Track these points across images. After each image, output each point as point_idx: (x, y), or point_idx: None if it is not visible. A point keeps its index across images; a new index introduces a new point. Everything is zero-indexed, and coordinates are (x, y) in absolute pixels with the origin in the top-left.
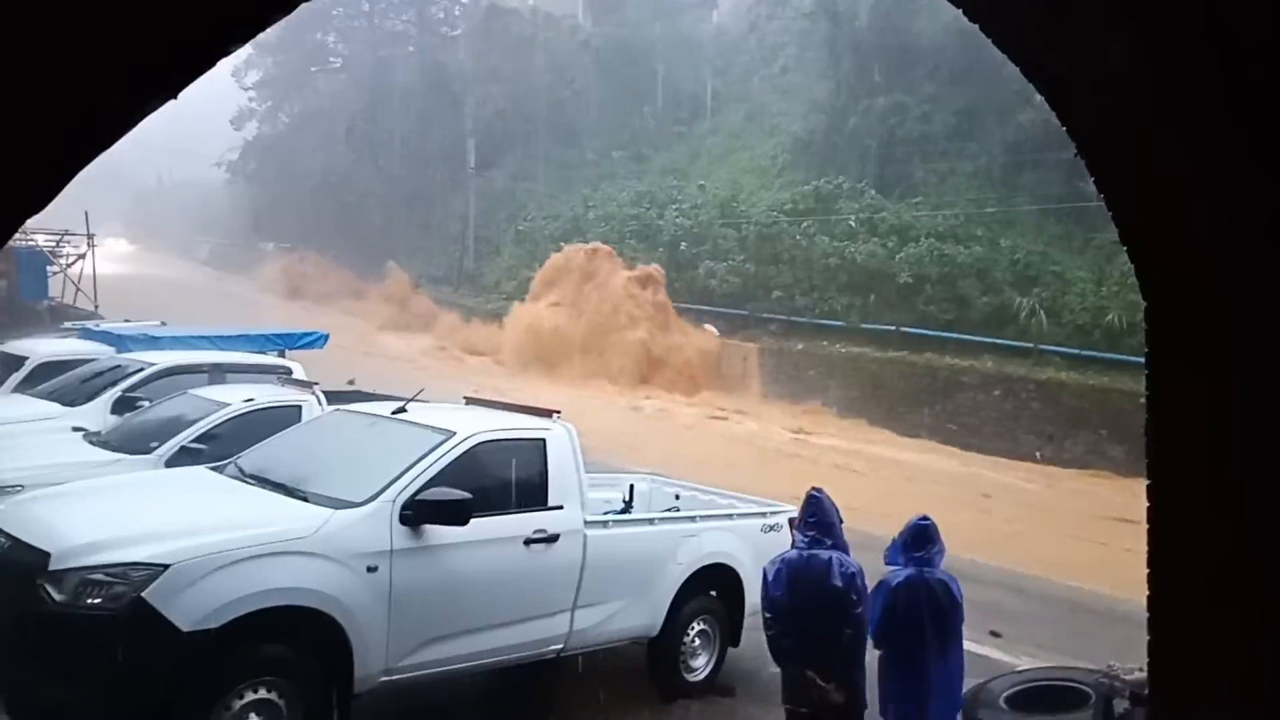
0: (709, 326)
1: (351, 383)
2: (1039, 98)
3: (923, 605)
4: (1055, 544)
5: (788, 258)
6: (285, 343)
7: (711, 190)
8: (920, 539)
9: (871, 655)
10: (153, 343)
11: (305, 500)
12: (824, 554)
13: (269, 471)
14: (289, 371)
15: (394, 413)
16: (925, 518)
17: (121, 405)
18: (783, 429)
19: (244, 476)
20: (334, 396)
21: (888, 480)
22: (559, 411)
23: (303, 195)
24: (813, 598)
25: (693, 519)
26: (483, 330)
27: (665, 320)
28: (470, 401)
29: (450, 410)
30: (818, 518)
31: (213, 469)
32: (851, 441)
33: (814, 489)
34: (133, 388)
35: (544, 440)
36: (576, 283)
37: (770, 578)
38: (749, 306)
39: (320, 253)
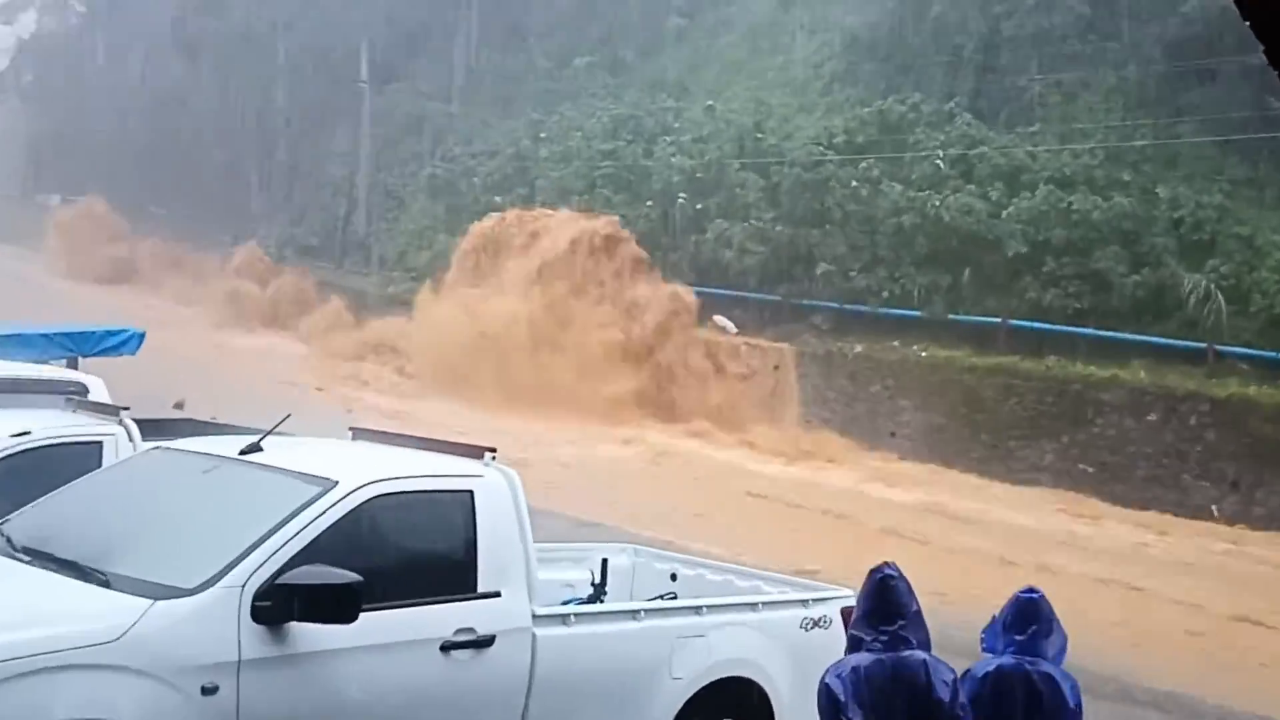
0: (721, 320)
1: (180, 405)
2: None
3: (1017, 704)
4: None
5: (839, 215)
6: (79, 346)
7: (725, 115)
8: (1023, 618)
9: None
10: None
11: (106, 585)
12: (914, 656)
13: (51, 542)
14: (84, 391)
15: (243, 452)
16: (1033, 590)
17: None
18: (829, 472)
19: (13, 551)
20: (153, 428)
21: (987, 551)
22: (494, 450)
23: (108, 124)
24: None
25: (697, 610)
26: (380, 326)
27: (653, 310)
28: (360, 435)
29: (330, 448)
30: (894, 605)
31: None
32: (932, 491)
33: (884, 565)
34: None
35: (471, 493)
36: (522, 255)
37: (840, 694)
38: (782, 289)
39: (135, 211)
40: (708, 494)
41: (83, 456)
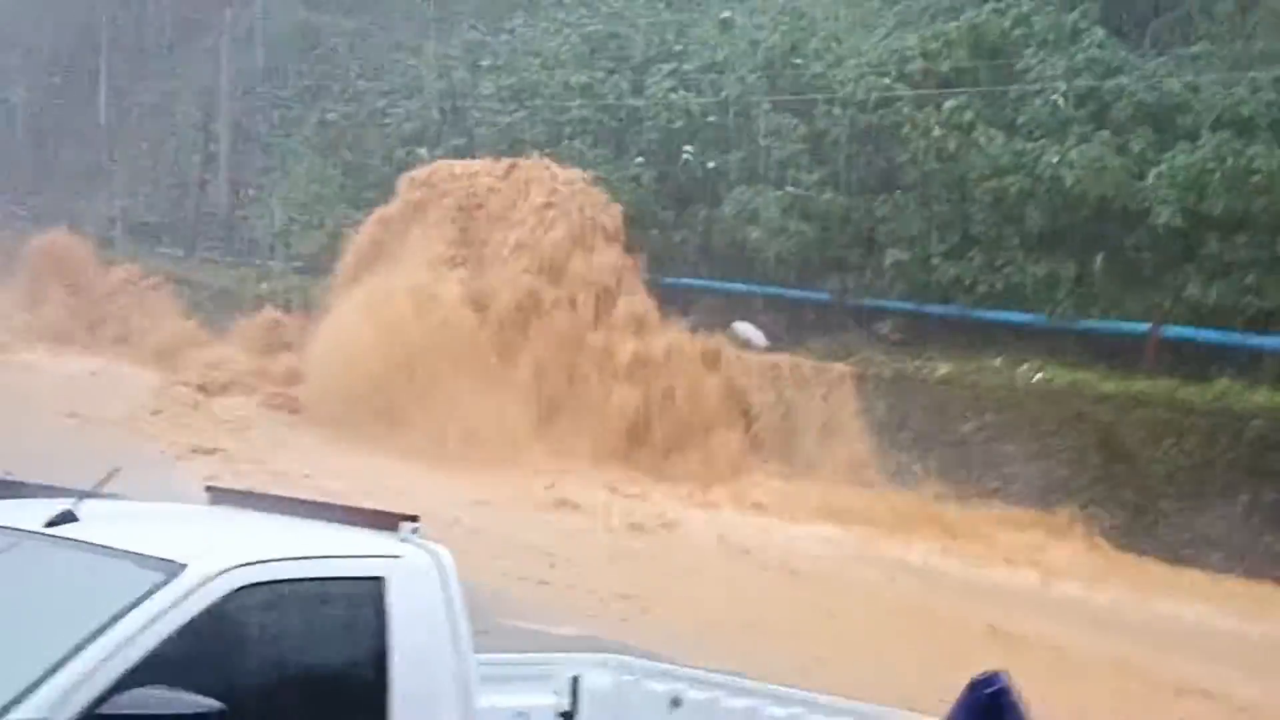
0: (744, 328)
1: None
2: None
3: None
4: None
5: (915, 177)
6: None
7: (748, 31)
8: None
9: None
10: None
11: None
12: None
13: None
14: None
15: (51, 523)
16: (993, 679)
17: None
18: (895, 544)
19: None
20: None
21: (1135, 666)
22: (415, 519)
23: None
24: None
25: None
26: (253, 339)
27: (639, 311)
28: (220, 497)
29: (176, 518)
30: None
31: None
32: (1052, 571)
33: (991, 677)
34: None
35: (382, 582)
36: (458, 234)
37: None
38: (833, 284)
39: None
40: (727, 578)
41: None
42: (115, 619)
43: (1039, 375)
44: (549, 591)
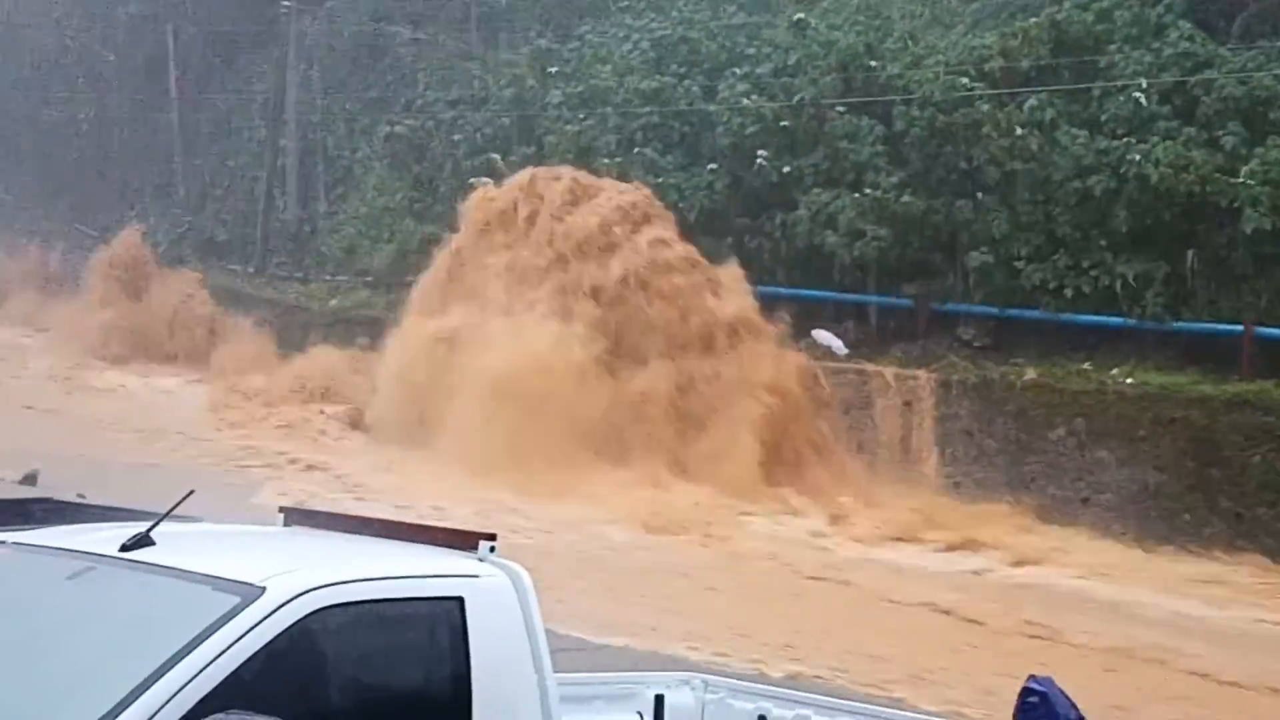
0: (824, 335)
1: (31, 479)
2: None
3: None
4: None
5: (997, 178)
6: None
7: (822, 33)
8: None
9: None
10: None
11: None
12: None
13: None
14: None
15: (127, 547)
16: (1037, 682)
17: None
18: (984, 558)
19: None
20: None
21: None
22: (493, 538)
23: None
24: None
25: None
26: (322, 357)
27: (715, 321)
28: (295, 519)
29: (253, 541)
30: None
31: None
32: (1150, 583)
33: (1034, 681)
34: None
35: (461, 602)
36: (530, 247)
37: None
38: (914, 289)
39: None
40: (810, 596)
41: None
42: (194, 643)
43: (1129, 380)
44: (617, 598)
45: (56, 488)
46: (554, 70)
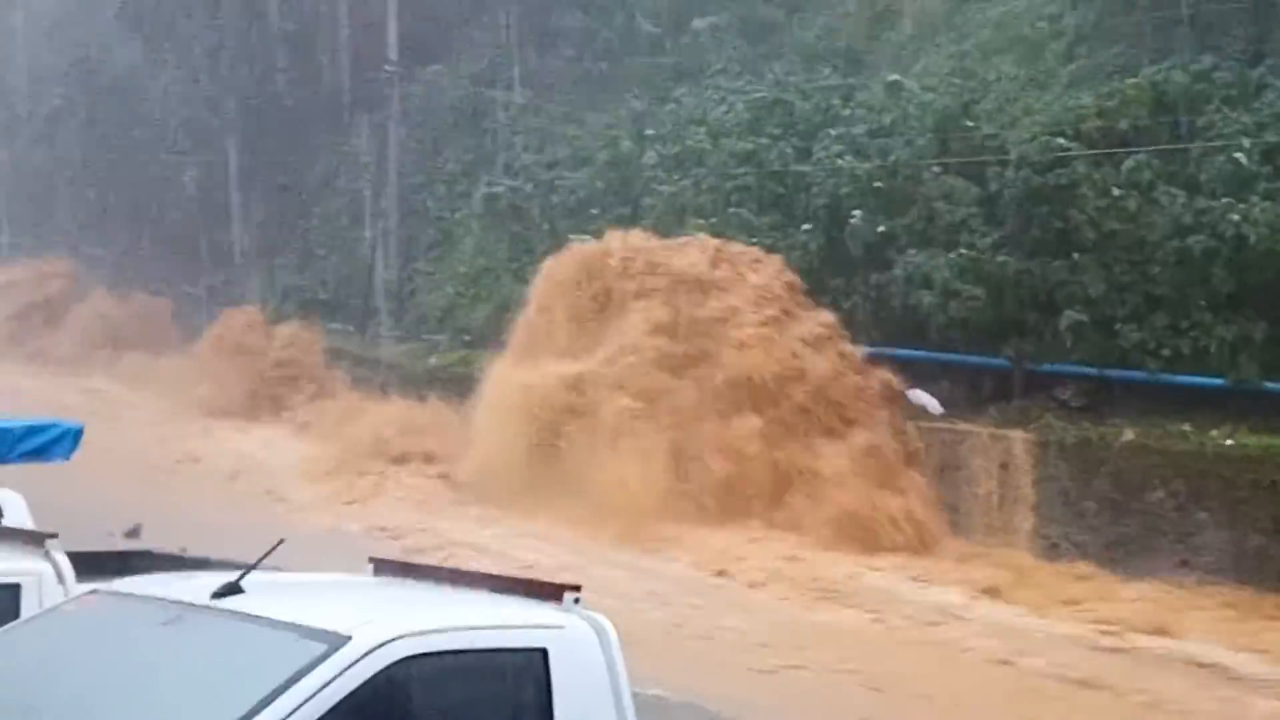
0: (919, 395)
1: (135, 533)
2: None
3: None
4: None
5: (1094, 238)
6: None
7: (917, 95)
8: None
9: None
10: None
11: None
12: None
13: None
14: None
15: (217, 595)
16: None
17: None
18: (1076, 621)
19: None
20: (93, 564)
21: None
22: (578, 589)
23: (28, 130)
24: None
25: None
26: (418, 413)
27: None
28: (384, 569)
29: (341, 590)
30: None
31: None
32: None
33: None
34: None
35: (545, 653)
36: (624, 307)
37: None
38: (1009, 349)
39: (65, 255)
40: (918, 658)
41: None
42: (279, 690)
43: (1229, 441)
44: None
45: (160, 542)
46: (650, 132)
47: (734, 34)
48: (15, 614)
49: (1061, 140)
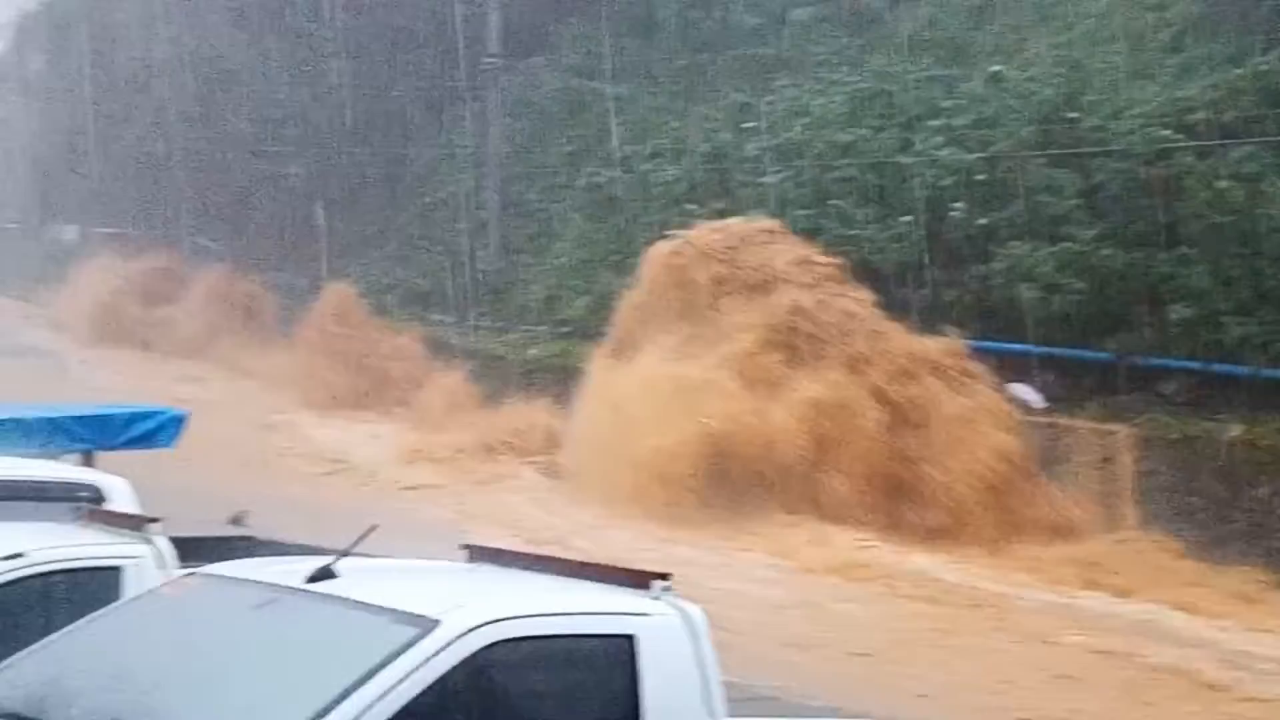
0: (1020, 389)
1: (239, 520)
2: None
3: None
4: None
5: (1200, 231)
6: (96, 435)
7: (1020, 85)
8: None
9: None
10: None
11: None
12: None
13: (46, 707)
14: (99, 497)
15: (311, 579)
16: None
17: None
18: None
19: None
20: (194, 548)
21: None
22: (666, 577)
23: (138, 122)
24: None
25: None
26: (519, 405)
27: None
28: (477, 555)
29: (432, 575)
30: None
31: None
32: None
33: None
34: None
35: (632, 640)
36: (724, 298)
37: None
38: (1113, 343)
39: (176, 245)
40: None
41: (95, 587)
42: (370, 674)
43: None
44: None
45: (263, 529)
46: (750, 124)
47: (835, 25)
48: (117, 596)
49: (1167, 132)
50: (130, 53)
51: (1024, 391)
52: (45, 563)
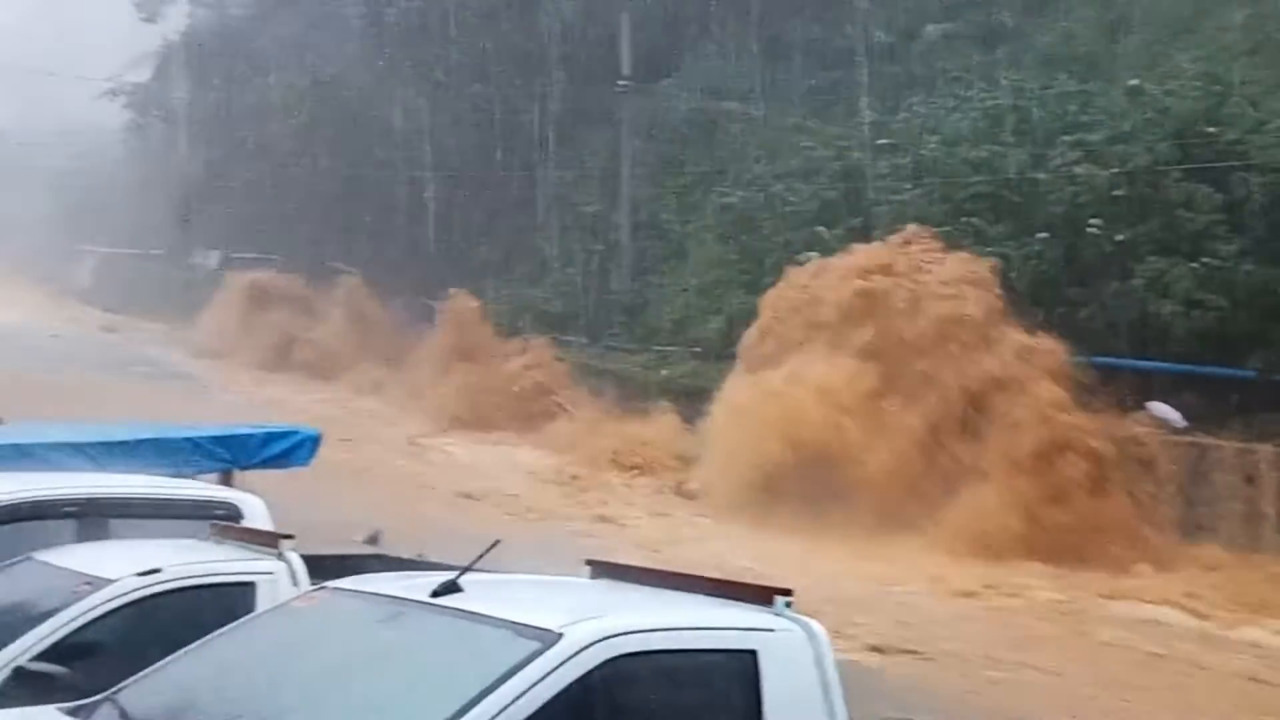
0: (1160, 408)
1: (375, 539)
2: None
3: None
4: None
5: None
6: (234, 454)
7: (1159, 99)
8: None
9: None
10: None
11: None
12: None
13: (180, 717)
14: (235, 514)
15: (435, 594)
16: None
17: None
18: None
19: None
20: (327, 566)
21: None
22: (789, 593)
23: (280, 150)
24: None
25: None
26: (650, 424)
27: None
28: (600, 571)
29: (555, 590)
30: None
31: (73, 715)
32: None
33: None
34: None
35: (754, 655)
36: (857, 318)
37: None
38: (1257, 361)
39: (314, 270)
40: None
41: (230, 602)
42: (492, 686)
43: None
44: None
45: (395, 547)
46: (882, 141)
47: (968, 41)
48: (251, 611)
49: None
50: (269, 80)
51: (1164, 410)
52: (181, 578)
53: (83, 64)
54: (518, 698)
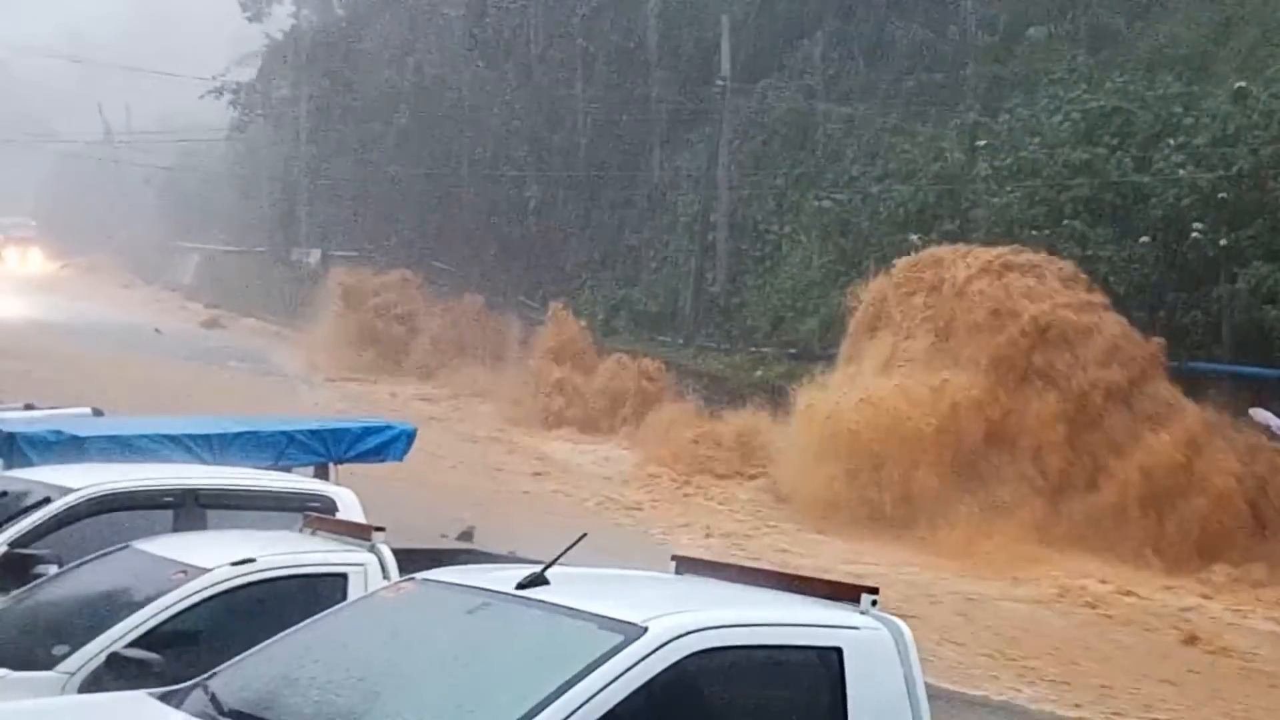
0: (1262, 414)
1: (468, 535)
2: None
3: None
4: None
5: None
6: (329, 448)
7: (1265, 102)
8: None
9: None
10: (74, 447)
11: None
12: None
13: (272, 704)
14: (330, 507)
15: (522, 586)
16: None
17: (4, 570)
18: None
19: (218, 715)
20: (418, 560)
21: None
22: (874, 591)
23: (380, 149)
24: None
25: None
26: (742, 425)
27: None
28: (686, 566)
29: (641, 584)
30: None
31: (164, 700)
32: None
33: None
34: (25, 538)
35: (839, 653)
36: (953, 322)
37: None
38: None
39: (414, 268)
40: None
41: (321, 592)
42: (576, 678)
43: None
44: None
45: (491, 545)
46: (982, 144)
47: (1070, 42)
48: (342, 601)
49: None
50: (372, 80)
51: (1266, 417)
52: (275, 568)
53: (187, 62)
54: (601, 690)
